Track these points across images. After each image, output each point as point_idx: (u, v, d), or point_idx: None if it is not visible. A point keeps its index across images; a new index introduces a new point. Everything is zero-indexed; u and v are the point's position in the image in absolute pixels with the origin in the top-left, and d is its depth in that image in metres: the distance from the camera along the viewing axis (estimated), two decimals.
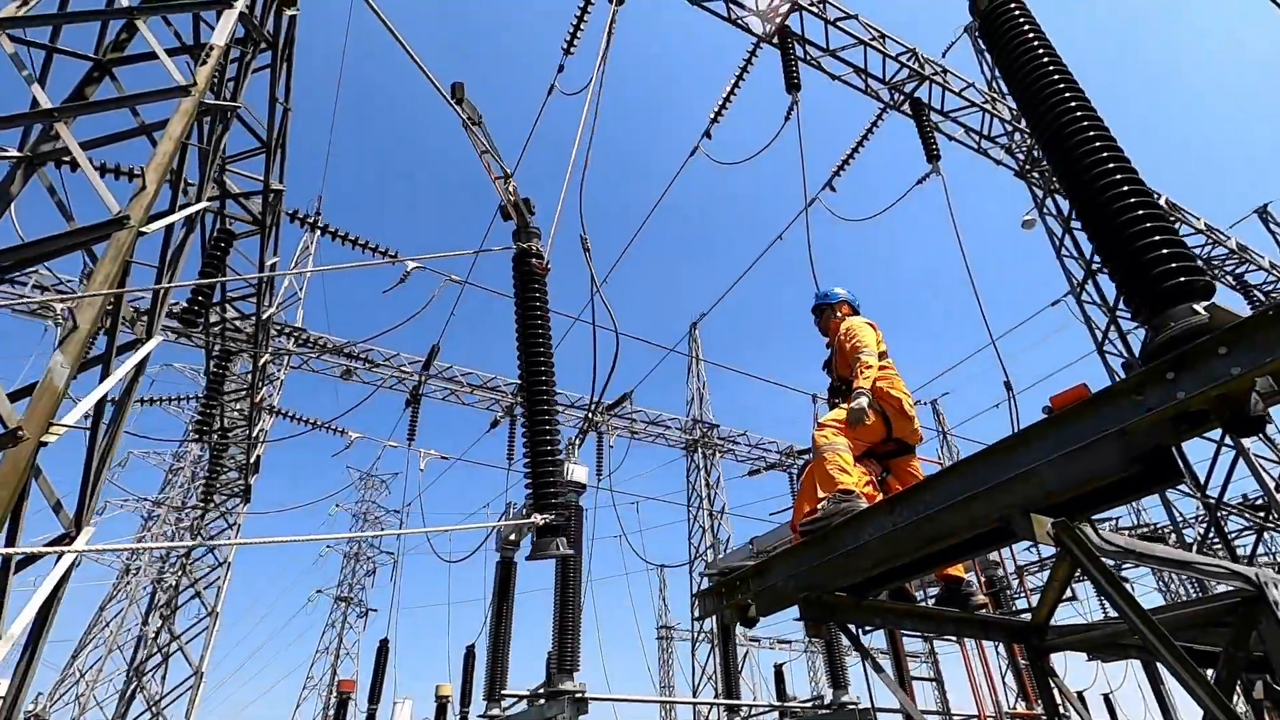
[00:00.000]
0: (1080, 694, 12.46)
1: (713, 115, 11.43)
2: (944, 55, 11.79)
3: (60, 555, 3.23)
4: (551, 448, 4.85)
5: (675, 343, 18.29)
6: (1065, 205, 12.26)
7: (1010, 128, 12.33)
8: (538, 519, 4.55)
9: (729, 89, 11.21)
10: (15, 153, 4.08)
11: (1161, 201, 13.92)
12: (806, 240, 7.71)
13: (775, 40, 10.16)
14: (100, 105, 3.79)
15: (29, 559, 3.13)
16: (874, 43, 10.89)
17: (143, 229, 3.44)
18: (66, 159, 4.40)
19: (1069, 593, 10.14)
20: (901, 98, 11.48)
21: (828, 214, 12.25)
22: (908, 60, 11.23)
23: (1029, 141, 12.38)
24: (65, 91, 4.59)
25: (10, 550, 2.64)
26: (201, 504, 11.55)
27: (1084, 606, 13.67)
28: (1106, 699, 12.45)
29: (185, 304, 7.69)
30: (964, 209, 8.90)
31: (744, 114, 11.63)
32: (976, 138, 12.40)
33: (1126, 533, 19.56)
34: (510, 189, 5.78)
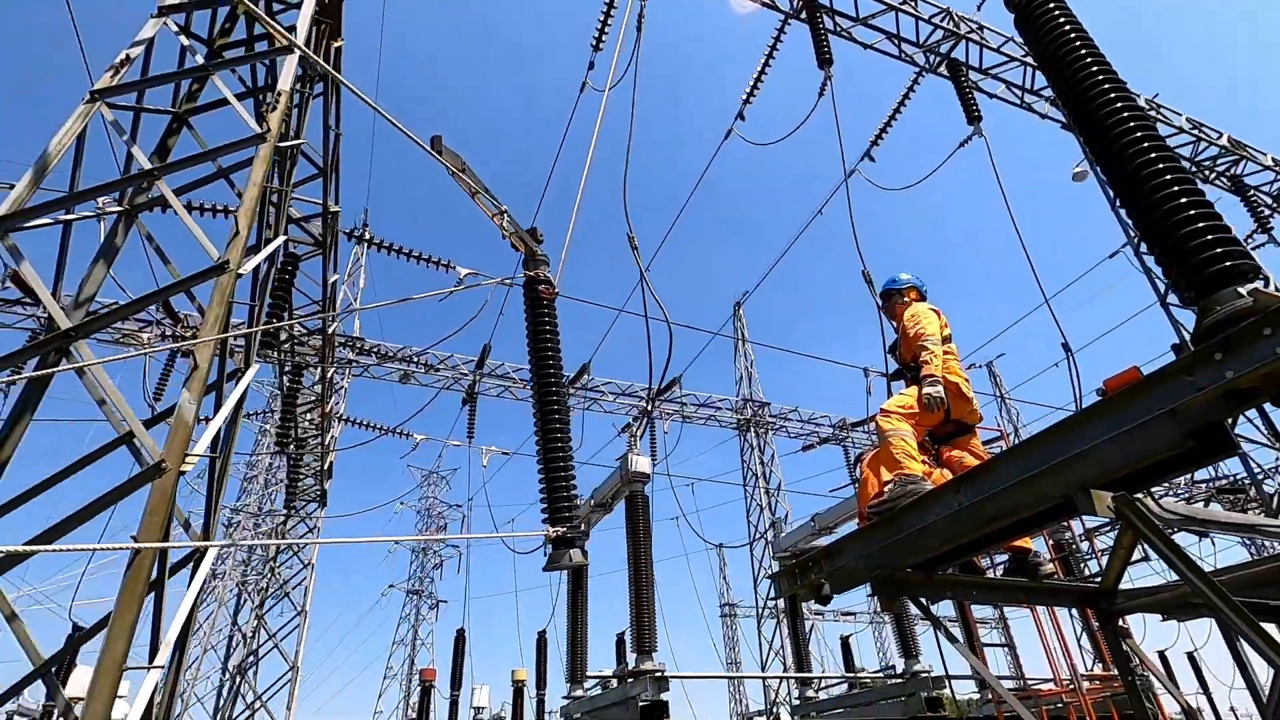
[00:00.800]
0: (1162, 653, 12.20)
1: (745, 96, 11.38)
2: (979, 9, 11.43)
3: (197, 564, 3.64)
4: (565, 464, 5.02)
5: (721, 324, 18.34)
6: None
7: None
8: (550, 531, 4.76)
9: (759, 68, 11.13)
10: (118, 207, 4.50)
11: (1224, 140, 13.27)
12: (848, 214, 7.66)
13: (803, 15, 10.07)
14: (191, 160, 4.15)
15: (178, 565, 3.55)
16: (905, 6, 10.67)
17: (239, 270, 3.79)
18: (159, 207, 4.82)
19: (1141, 554, 9.96)
20: (938, 60, 11.21)
21: (867, 184, 12.12)
22: (941, 20, 10.97)
23: None
24: (144, 140, 5.01)
25: (193, 545, 3.01)
26: (286, 510, 12.32)
27: (1158, 565, 13.33)
28: (1190, 657, 12.16)
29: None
30: (1007, 166, 8.73)
31: (776, 90, 11.56)
32: (1019, 93, 12.02)
33: (1204, 486, 18.84)
34: (507, 222, 5.91)
